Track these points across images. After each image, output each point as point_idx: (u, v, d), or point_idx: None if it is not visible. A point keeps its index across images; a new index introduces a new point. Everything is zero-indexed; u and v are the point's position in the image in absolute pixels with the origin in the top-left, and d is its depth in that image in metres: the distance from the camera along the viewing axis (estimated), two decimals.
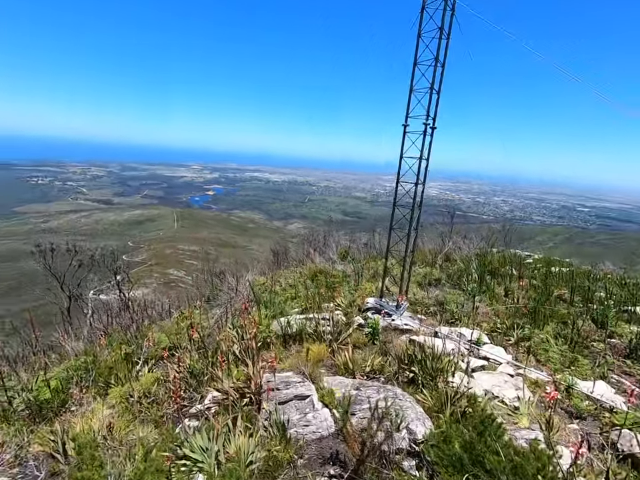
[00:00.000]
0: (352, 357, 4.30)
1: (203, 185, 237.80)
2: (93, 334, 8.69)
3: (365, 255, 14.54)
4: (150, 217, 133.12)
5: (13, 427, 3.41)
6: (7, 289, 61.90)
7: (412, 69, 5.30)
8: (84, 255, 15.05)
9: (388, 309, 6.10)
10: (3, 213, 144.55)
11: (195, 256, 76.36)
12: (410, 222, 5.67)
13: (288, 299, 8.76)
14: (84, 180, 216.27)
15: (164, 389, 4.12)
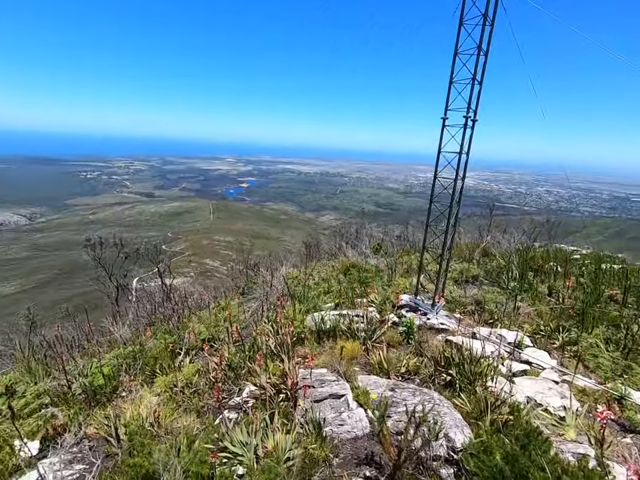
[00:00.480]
0: (386, 356, 4.27)
1: (237, 178, 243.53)
2: (137, 322, 9.26)
3: (398, 249, 14.29)
4: (188, 209, 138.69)
5: (72, 410, 3.73)
6: (60, 275, 67.29)
7: (452, 60, 5.06)
8: (130, 248, 15.99)
9: (423, 307, 5.98)
10: (56, 205, 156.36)
11: (229, 247, 78.79)
12: (448, 219, 5.48)
13: (321, 293, 8.82)
14: (128, 174, 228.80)
15: (204, 380, 4.32)
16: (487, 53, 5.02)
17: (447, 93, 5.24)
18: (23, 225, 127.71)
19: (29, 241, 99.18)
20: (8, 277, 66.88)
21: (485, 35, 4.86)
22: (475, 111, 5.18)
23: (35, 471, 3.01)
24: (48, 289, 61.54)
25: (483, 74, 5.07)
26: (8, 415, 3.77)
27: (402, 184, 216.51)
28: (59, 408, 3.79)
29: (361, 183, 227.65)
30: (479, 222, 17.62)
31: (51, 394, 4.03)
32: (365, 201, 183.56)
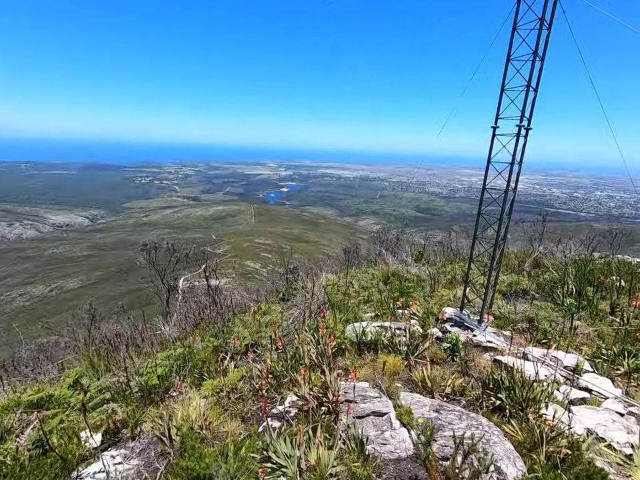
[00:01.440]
0: (430, 374, 4.16)
1: (278, 182, 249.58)
2: (185, 322, 9.77)
3: (441, 257, 13.83)
4: (230, 213, 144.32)
5: (129, 407, 4.02)
6: (116, 272, 72.74)
7: (504, 66, 4.86)
8: (180, 252, 16.99)
9: (469, 323, 5.75)
10: (114, 208, 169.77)
11: (269, 249, 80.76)
12: (497, 232, 5.24)
13: (360, 302, 8.77)
14: (177, 179, 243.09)
15: (248, 386, 4.47)
16: (544, 58, 4.76)
17: (498, 101, 5.04)
18: (86, 226, 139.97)
19: (90, 241, 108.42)
20: (71, 274, 73.50)
21: (541, 39, 4.62)
22: (529, 119, 4.92)
23: (99, 463, 3.29)
24: (105, 285, 66.73)
25: (538, 80, 4.81)
26: (76, 407, 4.15)
27: (445, 188, 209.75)
28: (118, 404, 4.11)
29: (401, 187, 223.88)
30: (529, 229, 16.55)
31: (112, 390, 4.37)
32: (405, 206, 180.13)
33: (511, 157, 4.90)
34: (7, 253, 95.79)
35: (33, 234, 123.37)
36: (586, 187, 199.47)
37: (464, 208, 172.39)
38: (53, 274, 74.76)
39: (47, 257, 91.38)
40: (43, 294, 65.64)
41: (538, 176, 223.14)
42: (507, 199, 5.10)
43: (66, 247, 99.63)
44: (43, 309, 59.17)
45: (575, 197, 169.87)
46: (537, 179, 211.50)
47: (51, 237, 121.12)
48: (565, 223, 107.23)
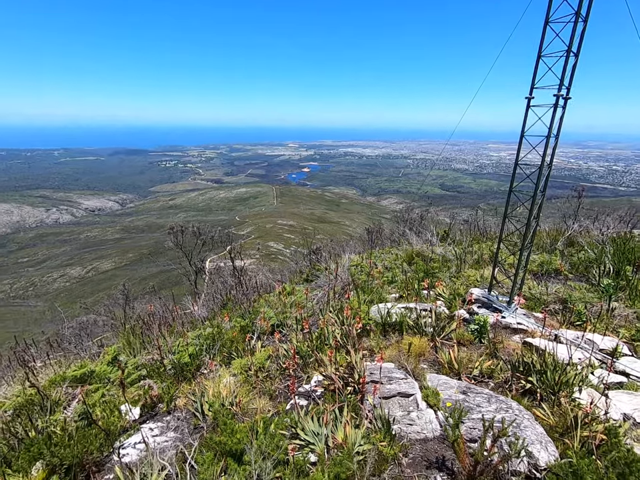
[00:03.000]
0: (457, 356, 4.11)
1: (299, 163, 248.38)
2: (213, 302, 10.09)
3: (467, 237, 13.45)
4: (253, 194, 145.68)
5: (164, 383, 4.23)
6: (146, 254, 75.73)
7: (542, 29, 4.47)
8: (205, 235, 17.42)
9: (498, 304, 5.59)
10: (142, 193, 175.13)
11: (292, 230, 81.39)
12: (530, 210, 4.99)
13: (385, 283, 8.72)
14: (200, 162, 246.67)
15: (275, 365, 4.59)
16: (587, 19, 4.34)
17: (534, 68, 4.67)
18: (117, 210, 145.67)
19: (121, 224, 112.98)
20: (105, 256, 77.27)
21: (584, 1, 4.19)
22: (569, 88, 4.55)
23: (138, 434, 3.51)
24: (137, 266, 69.83)
25: (580, 44, 4.41)
26: (116, 382, 4.42)
27: (471, 164, 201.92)
28: (153, 380, 4.33)
29: (425, 164, 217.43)
30: (563, 206, 15.69)
31: (147, 367, 4.61)
32: (430, 184, 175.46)
33: (547, 130, 4.58)
34: (46, 237, 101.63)
35: (69, 218, 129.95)
36: (627, 158, 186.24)
37: (492, 185, 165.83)
38: (88, 256, 78.93)
39: (82, 240, 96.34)
40: (80, 275, 69.67)
41: (573, 149, 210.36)
42: (542, 174, 4.82)
43: (99, 230, 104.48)
44: (81, 290, 62.96)
45: (614, 170, 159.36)
46: (572, 153, 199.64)
47: (85, 221, 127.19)
48: (602, 198, 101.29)
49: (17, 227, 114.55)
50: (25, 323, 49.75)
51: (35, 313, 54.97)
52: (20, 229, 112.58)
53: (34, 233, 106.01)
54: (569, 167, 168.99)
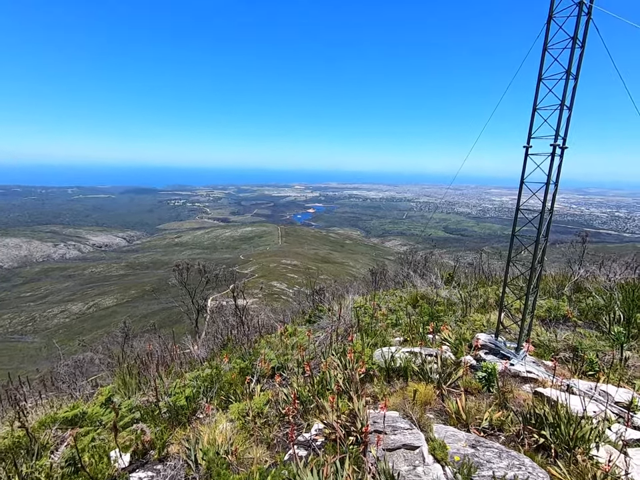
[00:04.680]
0: (465, 405, 3.92)
1: (305, 204, 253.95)
2: (213, 342, 9.87)
3: (472, 280, 13.33)
4: (258, 234, 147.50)
5: (157, 428, 4.05)
6: (149, 291, 75.40)
7: (536, 86, 4.77)
8: (209, 273, 17.49)
9: (505, 351, 5.42)
10: (149, 230, 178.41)
11: (295, 270, 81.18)
12: (534, 255, 5.00)
13: (389, 325, 8.54)
14: (208, 201, 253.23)
15: (274, 410, 4.39)
16: (577, 76, 4.65)
17: (530, 120, 4.92)
18: (123, 247, 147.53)
19: (126, 260, 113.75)
20: (108, 292, 76.97)
21: (574, 58, 4.52)
22: (564, 138, 4.76)
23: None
24: (138, 303, 69.23)
25: (572, 99, 4.68)
26: (108, 425, 4.23)
27: (474, 208, 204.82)
28: (147, 424, 4.14)
29: (428, 207, 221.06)
30: (568, 251, 15.66)
31: (141, 410, 4.43)
32: (433, 227, 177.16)
33: (546, 177, 4.72)
34: (52, 272, 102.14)
35: (75, 254, 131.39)
36: (629, 205, 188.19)
37: (495, 228, 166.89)
38: (91, 292, 78.67)
39: (86, 276, 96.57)
40: (81, 311, 68.98)
41: (574, 195, 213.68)
42: (543, 220, 4.89)
43: (104, 266, 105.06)
44: (81, 326, 62.04)
45: (617, 217, 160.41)
46: (574, 199, 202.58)
47: (92, 256, 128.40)
48: (607, 244, 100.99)
49: (24, 261, 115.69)
50: (19, 360, 48.55)
51: (31, 350, 53.79)
52: (27, 263, 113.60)
53: (40, 267, 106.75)
54: (571, 212, 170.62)
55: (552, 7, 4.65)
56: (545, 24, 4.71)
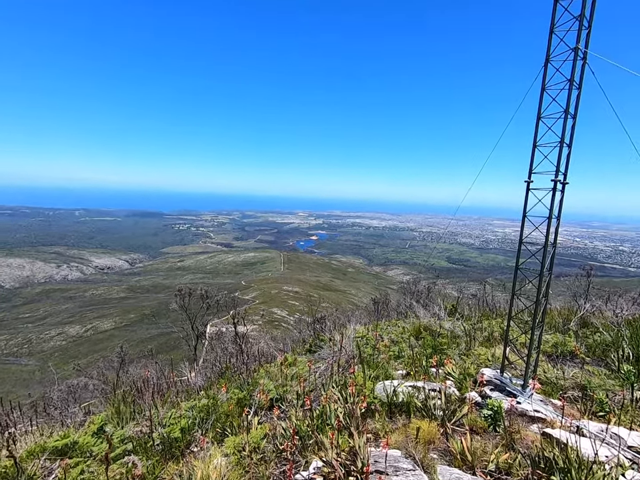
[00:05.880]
0: (470, 445, 3.76)
1: (308, 231, 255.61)
2: (210, 370, 9.64)
3: (476, 312, 13.13)
4: (261, 259, 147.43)
5: (149, 461, 3.89)
6: (148, 315, 74.52)
7: (535, 124, 4.93)
8: (211, 299, 17.39)
9: (511, 388, 5.25)
10: (152, 253, 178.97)
11: (297, 297, 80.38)
12: (538, 289, 4.96)
13: (391, 357, 8.35)
14: (212, 226, 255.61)
15: (272, 445, 4.23)
16: (576, 115, 4.80)
17: (530, 157, 5.04)
18: (125, 269, 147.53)
19: (127, 283, 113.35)
20: (107, 315, 76.17)
21: (572, 98, 4.69)
22: (565, 173, 4.85)
23: None
24: (137, 327, 68.28)
25: (572, 136, 4.81)
26: (98, 457, 4.08)
27: (477, 239, 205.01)
28: (139, 457, 3.99)
29: (431, 237, 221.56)
30: (571, 283, 15.47)
31: (134, 441, 4.27)
32: (436, 257, 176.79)
33: (548, 212, 4.77)
34: (52, 293, 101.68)
35: (78, 275, 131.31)
36: (633, 239, 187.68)
37: (498, 260, 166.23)
38: (90, 314, 77.86)
39: (87, 298, 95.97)
40: (78, 334, 67.98)
41: (577, 228, 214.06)
42: (547, 253, 4.89)
43: (105, 288, 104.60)
44: (77, 350, 60.92)
45: (621, 251, 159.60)
46: (577, 232, 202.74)
47: (93, 278, 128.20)
48: (612, 278, 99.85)
49: (26, 282, 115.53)
50: (12, 383, 47.39)
51: (24, 373, 52.59)
52: (28, 284, 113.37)
53: (40, 288, 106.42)
54: (575, 245, 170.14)
55: (549, 51, 4.89)
56: (543, 66, 4.93)
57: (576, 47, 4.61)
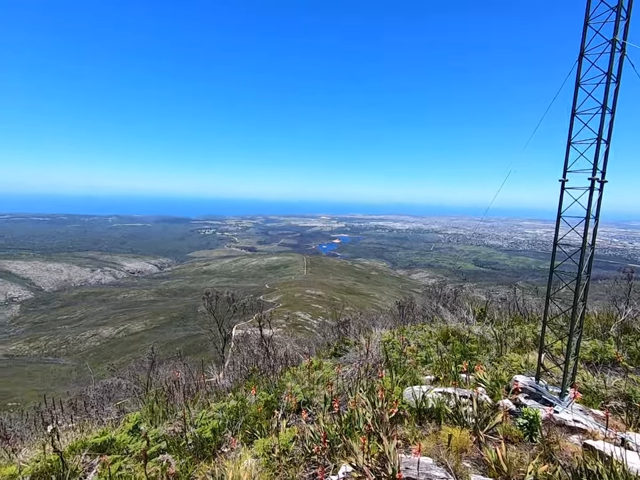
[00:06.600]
0: (505, 455, 3.62)
1: (330, 234, 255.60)
2: (238, 372, 9.80)
3: (506, 316, 12.65)
4: (284, 263, 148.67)
5: (183, 460, 3.99)
6: (176, 318, 76.68)
7: (569, 121, 4.73)
8: (238, 302, 17.74)
9: (548, 396, 5.03)
10: (180, 257, 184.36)
11: (320, 300, 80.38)
12: (575, 293, 4.73)
13: (418, 362, 8.19)
14: (237, 231, 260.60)
15: (300, 449, 4.24)
16: (614, 110, 4.57)
17: (565, 154, 4.84)
18: (154, 273, 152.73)
19: (156, 287, 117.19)
20: (137, 317, 79.03)
21: (609, 93, 4.47)
22: (603, 171, 4.62)
23: None
24: (165, 329, 70.45)
25: (610, 132, 4.58)
26: (134, 454, 4.23)
27: (505, 241, 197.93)
28: (172, 455, 4.11)
29: (457, 239, 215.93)
30: (610, 287, 14.64)
31: (167, 439, 4.41)
32: (462, 259, 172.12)
33: (586, 212, 4.55)
34: (87, 296, 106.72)
35: (110, 279, 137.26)
36: None
37: (529, 262, 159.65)
38: (122, 317, 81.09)
39: (119, 301, 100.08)
40: (111, 335, 70.94)
41: (614, 228, 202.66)
42: (584, 256, 4.66)
43: (135, 292, 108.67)
44: (110, 350, 63.58)
45: None
46: (614, 232, 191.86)
47: (125, 282, 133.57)
48: None
49: (64, 285, 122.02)
50: (51, 382, 50.01)
51: (62, 372, 55.41)
52: (66, 287, 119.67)
53: (77, 291, 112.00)
54: (613, 246, 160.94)
55: (583, 44, 4.69)
56: (577, 60, 4.74)
57: (613, 39, 4.40)
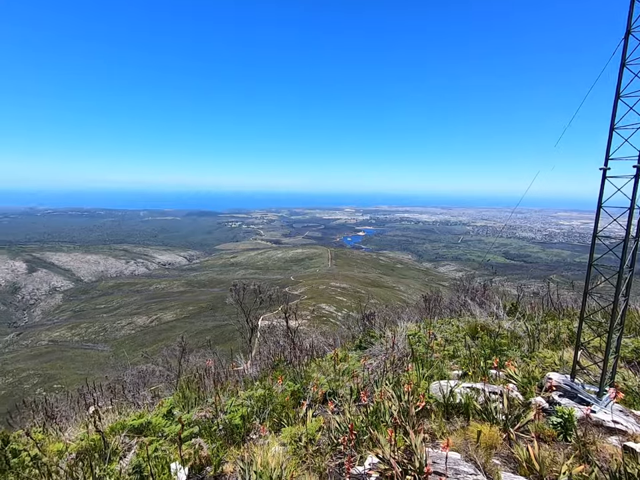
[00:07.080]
0: (537, 454, 3.52)
1: (355, 227, 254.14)
2: (264, 362, 10.03)
3: (539, 311, 12.16)
4: (309, 255, 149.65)
5: (214, 444, 4.16)
6: (205, 308, 79.22)
7: (613, 104, 4.42)
8: (264, 294, 18.11)
9: (584, 395, 4.81)
10: (208, 250, 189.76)
11: (344, 293, 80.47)
12: (617, 287, 4.47)
13: (445, 357, 8.06)
14: (262, 223, 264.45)
15: (326, 438, 4.30)
16: None
17: (607, 141, 4.54)
18: (184, 265, 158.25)
19: (186, 278, 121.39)
20: (169, 307, 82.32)
21: None
22: None
23: None
24: (195, 319, 73.02)
25: None
26: (169, 437, 4.45)
27: (539, 233, 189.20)
28: (204, 439, 4.28)
29: (486, 231, 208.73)
30: None
31: (200, 425, 4.60)
32: (492, 252, 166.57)
33: (630, 202, 4.27)
34: (123, 287, 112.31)
35: (143, 270, 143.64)
36: None
37: (564, 255, 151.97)
38: (155, 307, 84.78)
39: (151, 292, 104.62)
40: (144, 324, 74.41)
41: None
42: (627, 248, 4.39)
43: (167, 283, 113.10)
44: (143, 338, 66.79)
45: None
46: None
47: (156, 273, 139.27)
48: None
49: (101, 276, 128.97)
50: (90, 367, 53.27)
51: (100, 357, 58.85)
52: (103, 278, 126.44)
53: (113, 282, 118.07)
54: None
55: (630, 21, 4.36)
56: (623, 39, 4.41)
57: None
